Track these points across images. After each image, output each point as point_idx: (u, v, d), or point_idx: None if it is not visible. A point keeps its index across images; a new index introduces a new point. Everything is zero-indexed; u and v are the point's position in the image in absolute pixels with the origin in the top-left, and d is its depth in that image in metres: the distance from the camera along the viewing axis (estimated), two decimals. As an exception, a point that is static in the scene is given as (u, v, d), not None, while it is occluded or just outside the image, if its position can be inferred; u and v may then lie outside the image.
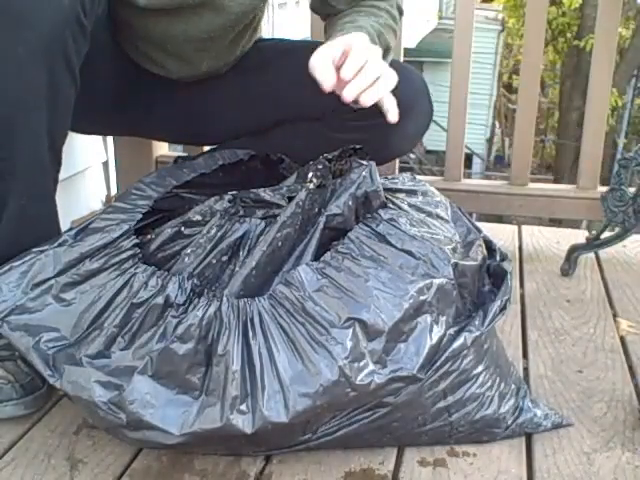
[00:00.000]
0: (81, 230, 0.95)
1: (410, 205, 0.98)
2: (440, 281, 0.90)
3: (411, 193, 1.01)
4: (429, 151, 10.73)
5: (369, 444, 0.96)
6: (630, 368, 1.17)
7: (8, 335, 0.89)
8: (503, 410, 0.97)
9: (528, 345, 1.24)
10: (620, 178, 1.46)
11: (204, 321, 0.84)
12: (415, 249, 0.90)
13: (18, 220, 0.97)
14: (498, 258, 1.04)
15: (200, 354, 0.84)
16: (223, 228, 0.93)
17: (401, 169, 1.77)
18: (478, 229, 1.05)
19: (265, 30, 1.80)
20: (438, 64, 9.54)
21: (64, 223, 1.08)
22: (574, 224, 3.31)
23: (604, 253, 1.60)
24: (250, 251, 0.92)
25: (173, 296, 0.86)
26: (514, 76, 12.25)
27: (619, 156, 5.56)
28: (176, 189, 1.07)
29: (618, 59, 7.12)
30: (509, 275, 1.00)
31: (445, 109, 1.71)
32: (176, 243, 0.95)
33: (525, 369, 1.17)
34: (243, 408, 0.82)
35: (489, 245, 1.06)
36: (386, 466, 0.94)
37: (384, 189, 0.97)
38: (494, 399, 0.96)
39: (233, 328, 0.84)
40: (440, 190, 1.08)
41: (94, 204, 1.82)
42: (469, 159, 10.32)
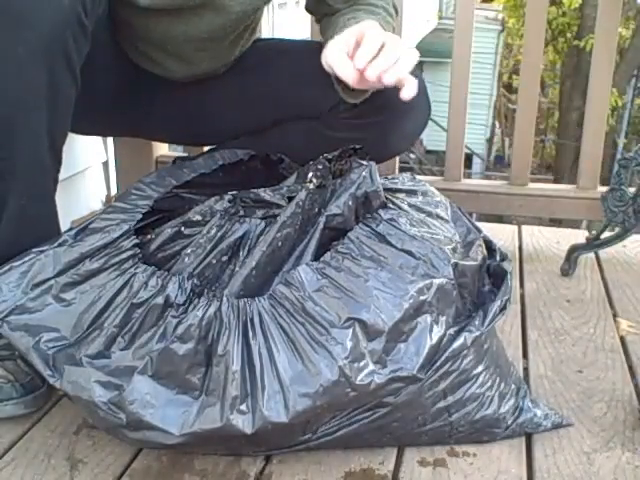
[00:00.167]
0: (81, 230, 0.95)
1: (410, 205, 0.97)
2: (440, 281, 0.90)
3: (411, 193, 1.01)
4: (429, 151, 10.73)
5: (369, 444, 0.96)
6: (630, 368, 1.17)
7: (8, 335, 0.89)
8: (503, 410, 0.97)
9: (528, 345, 1.24)
10: (620, 178, 1.46)
11: (204, 321, 0.84)
12: (415, 249, 0.90)
13: (18, 220, 0.97)
14: (498, 258, 1.04)
15: (200, 354, 0.84)
16: (223, 228, 0.93)
17: (401, 169, 1.77)
18: (478, 229, 1.05)
19: (265, 30, 1.80)
20: (438, 64, 9.54)
21: (64, 223, 1.08)
22: (574, 224, 3.31)
23: (604, 253, 1.60)
24: (250, 251, 0.92)
25: (173, 296, 0.86)
26: (514, 76, 12.24)
27: (619, 156, 5.56)
28: (176, 189, 1.07)
29: (618, 59, 7.12)
30: (509, 275, 1.00)
31: (445, 109, 1.71)
32: (176, 243, 0.95)
33: (525, 369, 1.17)
34: (243, 408, 0.82)
35: (489, 245, 1.06)
36: (386, 466, 0.94)
37: (384, 189, 0.97)
38: (494, 399, 0.96)
39: (233, 328, 0.84)
40: (440, 190, 1.08)
41: (94, 204, 1.82)
42: (469, 159, 10.32)
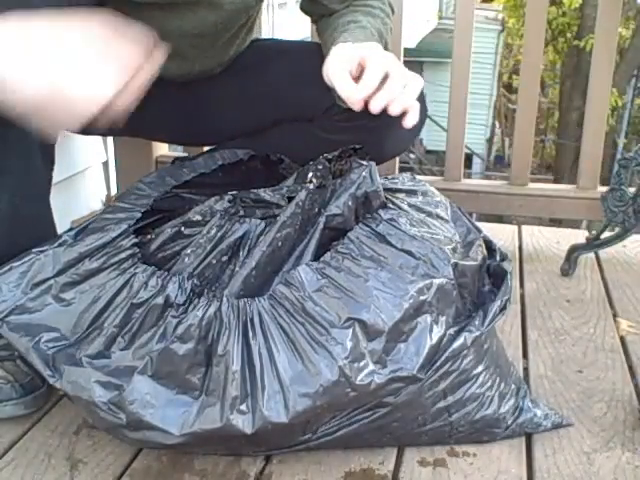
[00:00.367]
0: (81, 230, 0.95)
1: (410, 205, 0.97)
2: (440, 281, 0.90)
3: (411, 193, 1.01)
4: (429, 151, 10.73)
5: (369, 444, 0.96)
6: (630, 368, 1.17)
7: (8, 335, 0.89)
8: (503, 410, 0.97)
9: (528, 345, 1.24)
10: (620, 178, 1.46)
11: (204, 321, 0.84)
12: (415, 249, 0.90)
13: (11, 220, 0.96)
14: (498, 258, 1.04)
15: (200, 354, 0.84)
16: (223, 228, 0.93)
17: (401, 169, 1.77)
18: (478, 229, 1.05)
19: (265, 30, 1.80)
20: (438, 64, 9.54)
21: (64, 223, 1.08)
22: (574, 224, 3.31)
23: (604, 253, 1.60)
24: (250, 251, 0.92)
25: (173, 296, 0.86)
26: (514, 76, 12.24)
27: (619, 156, 5.56)
28: (176, 189, 1.07)
29: (618, 59, 7.12)
30: (509, 275, 1.00)
31: (445, 109, 1.71)
32: (176, 243, 0.95)
33: (525, 369, 1.17)
34: (243, 408, 0.82)
35: (489, 245, 1.06)
36: (386, 466, 0.94)
37: (384, 189, 0.97)
38: (494, 399, 0.96)
39: (233, 328, 0.84)
40: (440, 190, 1.08)
41: (94, 204, 1.82)
42: (469, 159, 10.32)
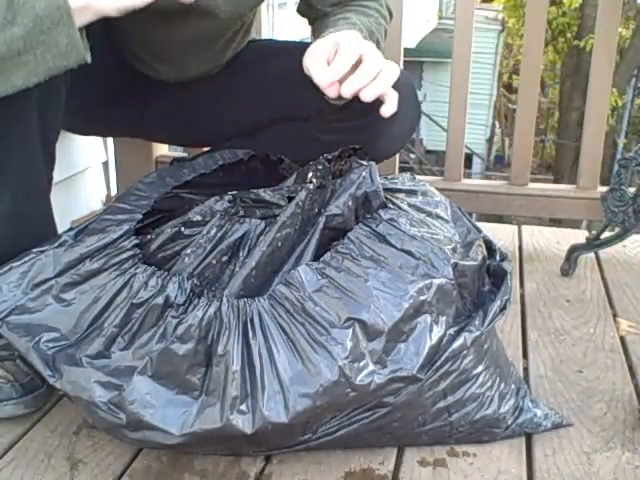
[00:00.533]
0: (81, 230, 0.95)
1: (410, 205, 0.97)
2: (440, 281, 0.90)
3: (411, 193, 1.01)
4: (429, 151, 10.73)
5: (369, 444, 0.96)
6: (630, 368, 1.17)
7: (8, 335, 0.89)
8: (503, 410, 0.97)
9: (528, 345, 1.24)
10: (620, 178, 1.46)
11: (204, 321, 0.84)
12: (415, 249, 0.90)
13: (13, 219, 0.96)
14: (498, 258, 1.04)
15: (200, 354, 0.84)
16: (223, 228, 0.93)
17: (401, 169, 1.77)
18: (478, 229, 1.05)
19: (265, 30, 1.79)
20: (438, 64, 9.54)
21: (64, 223, 1.08)
22: (574, 224, 3.31)
23: (604, 253, 1.60)
24: (250, 251, 0.92)
25: (173, 296, 0.86)
26: (514, 76, 12.24)
27: (619, 156, 5.56)
28: (176, 189, 1.07)
29: (618, 59, 7.12)
30: (509, 275, 1.00)
31: (445, 109, 1.71)
32: (176, 243, 0.95)
33: (525, 369, 1.17)
34: (243, 408, 0.82)
35: (489, 245, 1.06)
36: (386, 466, 0.94)
37: (384, 189, 0.97)
38: (494, 399, 0.96)
39: (233, 328, 0.84)
40: (440, 190, 1.08)
41: (94, 204, 1.82)
42: (469, 159, 10.31)
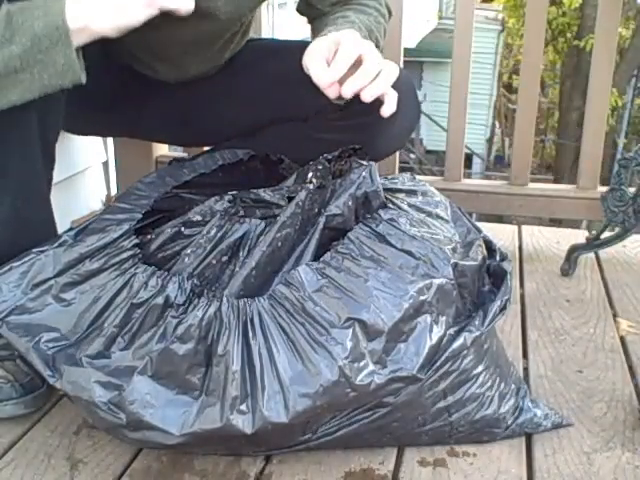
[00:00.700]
0: (81, 230, 0.95)
1: (410, 205, 0.97)
2: (440, 281, 0.90)
3: (411, 193, 1.01)
4: (429, 151, 10.73)
5: (369, 444, 0.96)
6: (630, 368, 1.17)
7: (8, 335, 0.89)
8: (503, 410, 0.97)
9: (528, 345, 1.24)
10: (620, 178, 1.46)
11: (204, 321, 0.84)
12: (415, 249, 0.90)
13: (14, 223, 0.96)
14: (498, 258, 1.04)
15: (200, 354, 0.84)
16: (223, 228, 0.93)
17: (401, 169, 1.77)
18: (478, 229, 1.05)
19: (265, 30, 1.79)
20: (438, 64, 9.53)
21: (64, 223, 1.08)
22: (574, 224, 3.30)
23: (604, 253, 1.60)
24: (250, 251, 0.92)
25: (173, 296, 0.86)
26: (514, 76, 12.24)
27: (619, 156, 5.56)
28: (176, 189, 1.07)
29: (618, 59, 7.12)
30: (509, 275, 1.00)
31: (445, 109, 1.71)
32: (176, 243, 0.95)
33: (525, 369, 1.17)
34: (243, 408, 0.82)
35: (489, 245, 1.06)
36: (386, 466, 0.94)
37: (384, 189, 0.97)
38: (494, 399, 0.96)
39: (233, 328, 0.84)
40: (440, 190, 1.08)
41: (94, 204, 1.82)
42: (469, 159, 10.31)
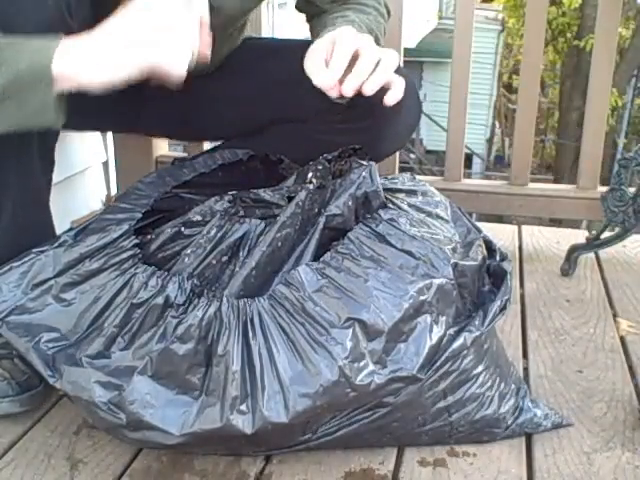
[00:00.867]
0: (81, 230, 0.95)
1: (410, 205, 0.97)
2: (440, 281, 0.90)
3: (411, 193, 1.01)
4: (429, 151, 10.73)
5: (369, 444, 0.96)
6: (630, 368, 1.17)
7: (8, 335, 0.89)
8: (503, 410, 0.97)
9: (528, 345, 1.24)
10: (620, 178, 1.46)
11: (204, 321, 0.84)
12: (415, 249, 0.90)
13: (14, 230, 0.96)
14: (498, 258, 1.04)
15: (200, 354, 0.84)
16: (223, 228, 0.93)
17: (401, 169, 1.77)
18: (478, 229, 1.05)
19: (265, 30, 1.79)
20: (438, 64, 9.53)
21: (64, 223, 1.08)
22: (574, 224, 3.30)
23: (604, 253, 1.60)
24: (250, 251, 0.92)
25: (173, 296, 0.86)
26: (514, 76, 12.24)
27: (619, 156, 5.56)
28: (176, 189, 1.07)
29: (618, 59, 7.12)
30: (509, 275, 1.00)
31: (445, 109, 1.71)
32: (176, 243, 0.95)
33: (525, 369, 1.17)
34: (243, 408, 0.82)
35: (489, 245, 1.06)
36: (386, 466, 0.94)
37: (384, 189, 0.97)
38: (494, 399, 0.96)
39: (233, 328, 0.84)
40: (440, 190, 1.08)
41: (94, 204, 1.82)
42: (469, 159, 10.31)
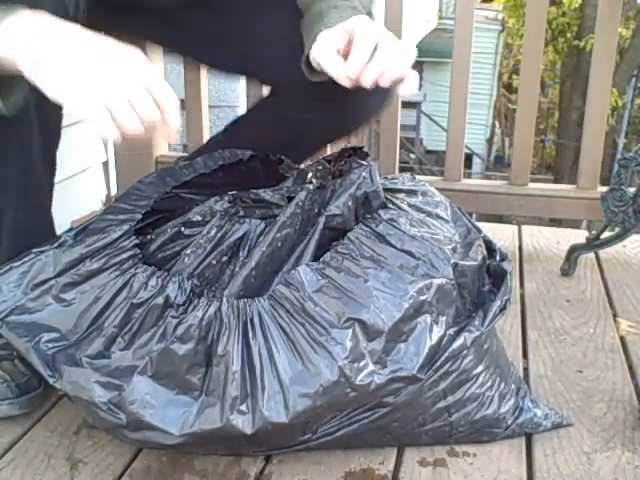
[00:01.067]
0: (81, 230, 0.95)
1: (410, 205, 0.97)
2: (440, 281, 0.90)
3: (411, 193, 1.01)
4: (429, 151, 10.73)
5: (369, 444, 0.96)
6: (630, 368, 1.17)
7: (8, 335, 0.89)
8: (503, 410, 0.97)
9: (528, 345, 1.24)
10: (620, 178, 1.46)
11: (204, 321, 0.84)
12: (415, 249, 0.90)
13: (16, 234, 0.97)
14: (498, 258, 1.04)
15: (200, 354, 0.84)
16: (223, 228, 0.93)
17: (401, 169, 1.77)
18: (478, 229, 1.05)
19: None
20: (438, 64, 9.53)
21: (64, 223, 1.08)
22: (574, 224, 3.30)
23: (604, 253, 1.60)
24: (250, 251, 0.92)
25: (173, 296, 0.86)
26: (514, 76, 12.24)
27: (619, 156, 5.56)
28: (176, 189, 1.07)
29: (618, 59, 7.12)
30: (509, 275, 1.00)
31: (445, 109, 1.71)
32: (176, 243, 0.95)
33: (525, 369, 1.17)
34: (243, 408, 0.82)
35: (489, 245, 1.06)
36: (386, 466, 0.94)
37: (384, 189, 0.97)
38: (494, 399, 0.96)
39: (233, 328, 0.84)
40: (440, 190, 1.08)
41: (94, 204, 1.82)
42: (469, 159, 10.31)
